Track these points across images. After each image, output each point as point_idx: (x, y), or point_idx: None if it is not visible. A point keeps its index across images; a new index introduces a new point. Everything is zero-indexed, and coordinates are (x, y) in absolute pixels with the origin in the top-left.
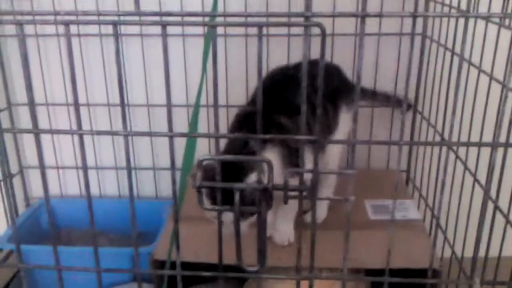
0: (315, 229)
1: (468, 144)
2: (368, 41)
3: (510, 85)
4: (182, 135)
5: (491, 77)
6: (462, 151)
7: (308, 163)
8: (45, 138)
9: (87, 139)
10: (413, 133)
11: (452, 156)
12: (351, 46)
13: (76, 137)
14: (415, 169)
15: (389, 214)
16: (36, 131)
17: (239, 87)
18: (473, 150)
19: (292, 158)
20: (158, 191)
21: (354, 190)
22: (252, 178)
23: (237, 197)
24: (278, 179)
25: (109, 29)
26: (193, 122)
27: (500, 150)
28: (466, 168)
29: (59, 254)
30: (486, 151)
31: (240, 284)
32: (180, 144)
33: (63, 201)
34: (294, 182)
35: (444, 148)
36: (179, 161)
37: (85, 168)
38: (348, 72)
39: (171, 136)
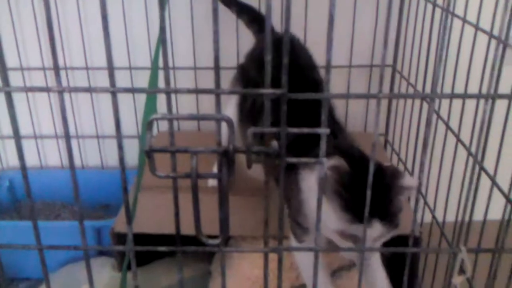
0: (282, 195)
1: (452, 96)
2: None
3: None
4: (125, 90)
5: (477, 28)
6: (444, 111)
7: None
8: None
9: (42, 105)
10: (392, 91)
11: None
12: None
13: (32, 103)
14: (393, 132)
15: None
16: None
17: (206, 46)
18: (457, 109)
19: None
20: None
21: None
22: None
23: (194, 161)
24: None
25: None
26: (153, 78)
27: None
28: (448, 127)
29: (17, 229)
30: (470, 108)
31: (210, 256)
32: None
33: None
34: None
35: (425, 112)
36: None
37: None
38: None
39: (113, 92)
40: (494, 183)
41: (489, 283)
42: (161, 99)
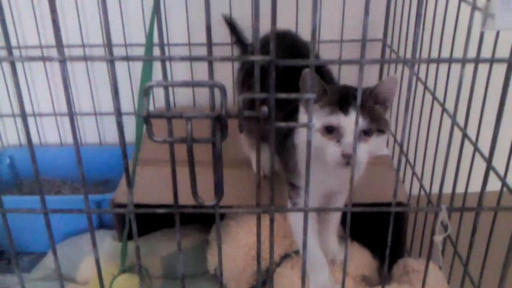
0: (273, 160)
1: (435, 61)
2: None
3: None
4: (122, 58)
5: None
6: (431, 83)
7: None
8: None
9: (40, 84)
10: (382, 67)
11: (420, 88)
12: None
13: (30, 82)
14: None
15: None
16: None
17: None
18: (442, 82)
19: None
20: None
21: None
22: None
23: (189, 126)
24: None
25: None
26: (148, 48)
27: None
28: (434, 97)
29: (17, 204)
30: (454, 79)
31: (208, 228)
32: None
33: (22, 151)
34: None
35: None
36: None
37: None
38: None
39: (111, 60)
40: (475, 148)
41: (471, 240)
42: (157, 74)
